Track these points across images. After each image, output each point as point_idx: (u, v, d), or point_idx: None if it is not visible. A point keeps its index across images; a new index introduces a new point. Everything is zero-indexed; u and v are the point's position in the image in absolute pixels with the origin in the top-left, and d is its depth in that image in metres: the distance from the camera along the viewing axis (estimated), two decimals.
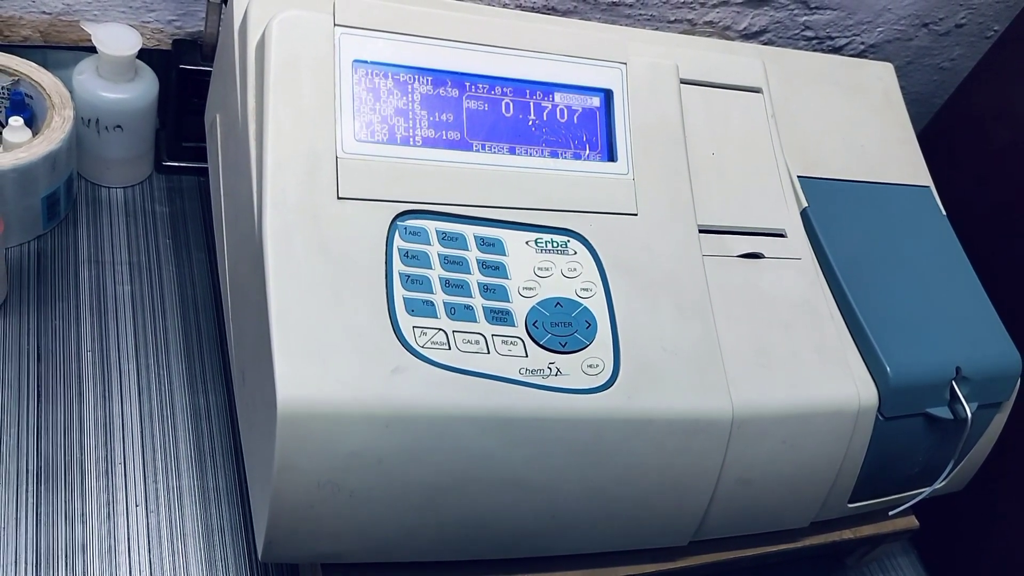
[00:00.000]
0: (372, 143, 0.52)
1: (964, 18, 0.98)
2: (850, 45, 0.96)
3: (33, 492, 0.57)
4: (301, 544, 0.50)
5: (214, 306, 0.69)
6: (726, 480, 0.55)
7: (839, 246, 0.64)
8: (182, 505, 0.59)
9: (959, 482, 0.69)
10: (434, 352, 0.49)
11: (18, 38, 0.72)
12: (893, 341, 0.60)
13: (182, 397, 0.64)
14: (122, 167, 0.74)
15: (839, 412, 0.58)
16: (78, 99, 0.69)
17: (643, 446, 0.52)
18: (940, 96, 1.06)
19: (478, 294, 0.51)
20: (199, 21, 0.75)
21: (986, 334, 0.65)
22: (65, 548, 0.55)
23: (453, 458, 0.48)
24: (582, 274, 0.54)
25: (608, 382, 0.51)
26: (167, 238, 0.72)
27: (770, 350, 0.57)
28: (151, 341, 0.66)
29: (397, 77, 0.54)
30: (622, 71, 0.59)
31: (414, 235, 0.51)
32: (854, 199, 0.67)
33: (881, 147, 0.72)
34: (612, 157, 0.58)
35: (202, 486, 0.60)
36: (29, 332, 0.64)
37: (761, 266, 0.61)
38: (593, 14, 0.84)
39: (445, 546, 0.52)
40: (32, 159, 0.63)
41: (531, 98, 0.57)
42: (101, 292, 0.67)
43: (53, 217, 0.69)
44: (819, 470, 0.59)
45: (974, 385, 0.62)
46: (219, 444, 0.62)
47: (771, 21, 0.90)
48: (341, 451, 0.46)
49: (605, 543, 0.57)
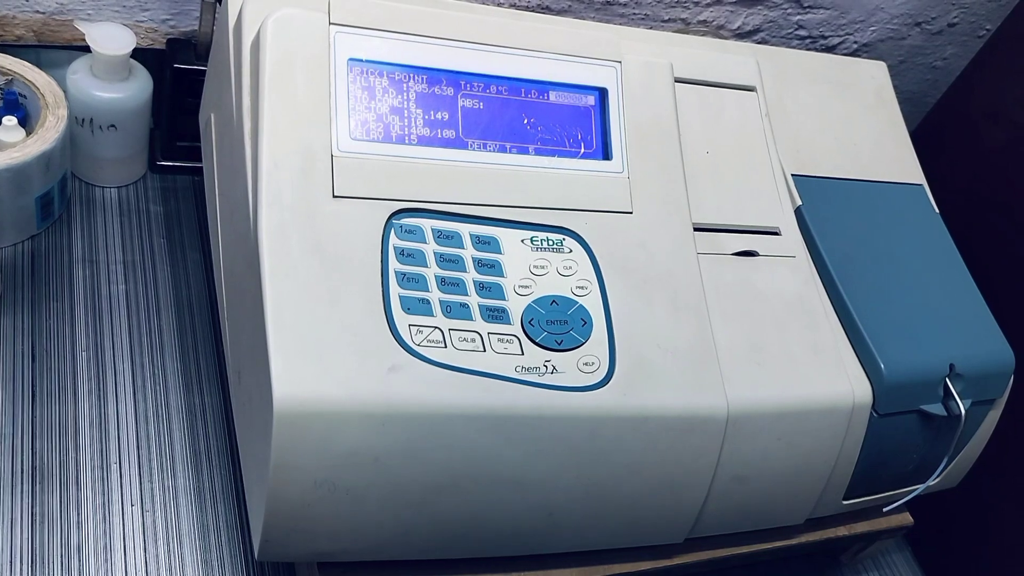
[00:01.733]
0: (367, 141, 0.52)
1: (956, 17, 0.99)
2: (843, 44, 0.96)
3: (28, 492, 0.57)
4: (297, 543, 0.50)
5: (209, 305, 0.69)
6: (721, 477, 0.56)
7: (833, 244, 0.64)
8: (178, 504, 0.59)
9: (953, 479, 0.69)
10: (430, 350, 0.49)
11: (12, 37, 0.72)
12: (887, 338, 0.60)
13: (177, 396, 0.64)
14: (116, 166, 0.73)
15: (834, 409, 0.58)
16: (72, 98, 0.68)
17: (639, 444, 0.52)
18: (933, 95, 1.07)
19: (474, 292, 0.51)
20: (193, 20, 0.75)
21: (979, 331, 0.65)
22: (61, 548, 0.55)
23: (449, 456, 0.48)
24: (577, 272, 0.54)
25: (604, 380, 0.51)
26: (161, 237, 0.72)
27: (765, 347, 0.57)
28: (146, 341, 0.66)
29: (392, 76, 0.54)
30: (617, 70, 0.60)
31: (410, 233, 0.51)
32: (848, 197, 0.68)
33: (874, 145, 0.72)
34: (607, 155, 0.58)
35: (198, 485, 0.60)
36: (23, 332, 0.63)
37: (755, 264, 0.61)
38: (587, 13, 0.84)
39: (441, 544, 0.52)
40: (26, 159, 0.63)
41: (526, 96, 0.57)
42: (95, 292, 0.67)
43: (47, 217, 0.69)
44: (814, 467, 0.59)
45: (968, 382, 0.62)
46: (215, 443, 0.62)
47: (765, 20, 0.90)
48: (337, 450, 0.46)
49: (601, 540, 0.57)
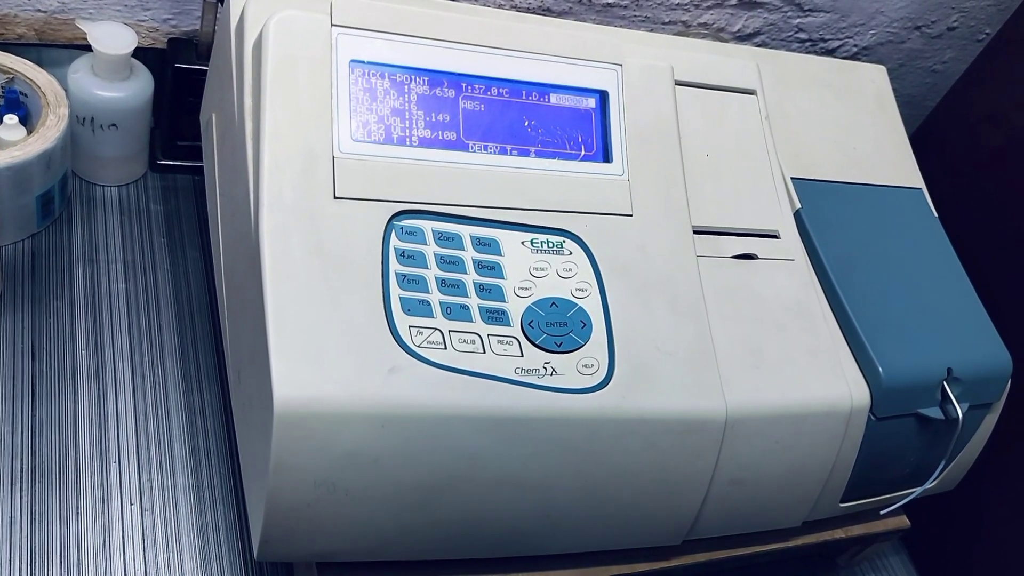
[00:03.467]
0: (369, 143, 0.52)
1: (956, 21, 0.99)
2: (843, 47, 0.97)
3: (28, 490, 0.57)
4: (297, 543, 0.50)
5: (209, 305, 0.70)
6: (719, 480, 0.56)
7: (832, 247, 0.64)
8: (177, 504, 0.59)
9: (950, 482, 0.70)
10: (430, 352, 0.49)
11: (13, 36, 0.72)
12: (885, 342, 0.61)
13: (177, 395, 0.64)
14: (117, 166, 0.74)
15: (832, 412, 0.58)
16: (73, 97, 0.68)
17: (637, 446, 0.52)
18: (932, 98, 1.07)
19: (474, 294, 0.51)
20: (194, 20, 0.75)
21: (977, 335, 0.65)
22: (59, 546, 0.55)
23: (449, 457, 0.49)
24: (577, 274, 0.54)
25: (603, 382, 0.52)
26: (162, 236, 0.72)
27: (763, 351, 0.57)
28: (146, 339, 0.66)
29: (394, 77, 0.54)
30: (618, 72, 0.60)
31: (410, 235, 0.51)
32: (847, 201, 0.68)
33: (874, 149, 0.72)
34: (607, 158, 0.58)
35: (197, 485, 0.60)
36: (23, 330, 0.63)
37: (755, 267, 0.61)
38: (588, 15, 0.84)
39: (440, 545, 0.53)
40: (27, 157, 0.63)
41: (527, 99, 0.57)
42: (95, 290, 0.67)
43: (47, 216, 0.69)
44: (811, 470, 0.59)
45: (965, 386, 0.62)
46: (214, 443, 0.62)
47: (765, 23, 0.91)
48: (337, 450, 0.46)
49: (599, 542, 0.57)
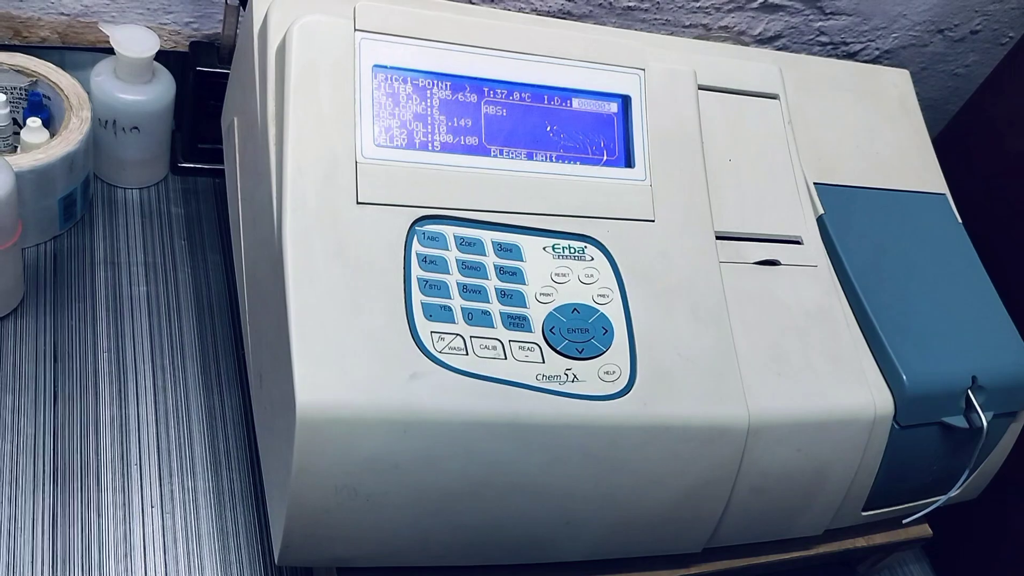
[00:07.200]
0: (391, 148, 0.52)
1: (979, 24, 0.98)
2: (865, 51, 0.96)
3: (49, 493, 0.57)
4: (317, 548, 0.50)
5: (229, 308, 0.70)
6: (740, 488, 0.55)
7: (855, 253, 0.63)
8: (197, 507, 0.59)
9: (973, 491, 0.69)
10: (452, 357, 0.49)
11: (36, 39, 0.72)
12: (909, 349, 0.60)
13: (198, 399, 0.64)
14: (138, 168, 0.74)
15: (855, 420, 0.58)
16: (95, 100, 0.69)
17: (659, 453, 0.52)
18: (955, 102, 1.06)
19: (495, 299, 0.51)
20: (216, 24, 0.75)
21: (1002, 343, 0.65)
22: (81, 549, 0.55)
23: (469, 463, 0.48)
24: (599, 280, 0.54)
25: (624, 389, 0.51)
26: (183, 239, 0.73)
27: (786, 357, 0.57)
28: (167, 342, 0.66)
29: (416, 82, 0.54)
30: (640, 77, 0.59)
31: (432, 240, 0.51)
32: (870, 206, 0.67)
33: (897, 154, 0.72)
34: (630, 163, 0.58)
35: (217, 488, 0.60)
36: (45, 333, 0.64)
37: (777, 273, 0.61)
38: (608, 18, 0.84)
39: (460, 551, 0.52)
40: (50, 160, 0.64)
41: (549, 103, 0.57)
42: (117, 293, 0.67)
43: (69, 218, 0.69)
44: (834, 478, 0.59)
45: (990, 394, 0.62)
46: (235, 446, 0.63)
47: (786, 26, 0.90)
48: (359, 455, 0.46)
49: (619, 549, 0.57)
